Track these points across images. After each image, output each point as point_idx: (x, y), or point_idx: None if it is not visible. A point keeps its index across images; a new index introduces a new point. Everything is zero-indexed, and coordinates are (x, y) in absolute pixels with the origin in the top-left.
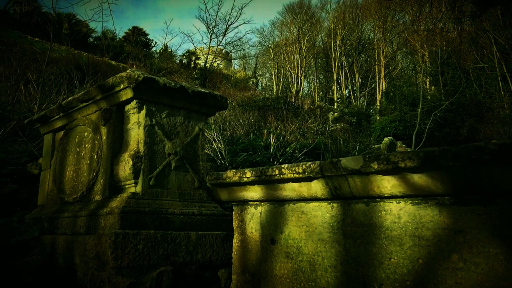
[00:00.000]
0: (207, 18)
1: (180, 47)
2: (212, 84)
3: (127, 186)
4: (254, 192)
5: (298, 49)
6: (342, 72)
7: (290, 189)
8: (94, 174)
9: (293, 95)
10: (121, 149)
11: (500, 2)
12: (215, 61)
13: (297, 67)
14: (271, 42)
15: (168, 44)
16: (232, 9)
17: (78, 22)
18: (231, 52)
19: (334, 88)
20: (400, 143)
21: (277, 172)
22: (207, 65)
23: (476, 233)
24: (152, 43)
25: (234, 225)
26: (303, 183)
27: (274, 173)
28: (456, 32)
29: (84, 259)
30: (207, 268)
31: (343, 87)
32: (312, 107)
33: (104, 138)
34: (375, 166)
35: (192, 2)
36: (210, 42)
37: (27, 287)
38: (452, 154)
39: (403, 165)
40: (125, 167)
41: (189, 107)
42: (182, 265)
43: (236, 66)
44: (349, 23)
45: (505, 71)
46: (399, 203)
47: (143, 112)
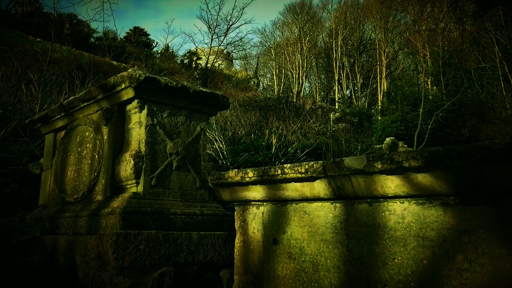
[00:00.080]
0: (208, 18)
1: (182, 47)
2: (214, 84)
3: (128, 186)
4: (256, 192)
5: (299, 49)
6: (343, 72)
7: (293, 189)
8: (96, 174)
9: (295, 95)
10: (122, 149)
11: (502, 2)
12: (216, 61)
13: (299, 67)
14: (272, 42)
15: (170, 44)
16: (233, 9)
17: (79, 23)
18: (232, 52)
19: (336, 88)
20: (402, 143)
21: (279, 172)
22: (208, 65)
23: (482, 233)
24: (153, 44)
25: (236, 225)
26: (305, 183)
27: (276, 173)
28: (457, 32)
29: (85, 259)
30: (209, 268)
31: (344, 87)
32: (314, 107)
33: (106, 137)
34: (378, 165)
35: (193, 2)
36: (211, 42)
37: (28, 287)
38: (457, 153)
39: (407, 164)
40: (126, 167)
41: (190, 106)
42: (183, 266)
43: (237, 66)
44: (351, 23)
45: (507, 71)
46: (403, 203)
47: (145, 111)
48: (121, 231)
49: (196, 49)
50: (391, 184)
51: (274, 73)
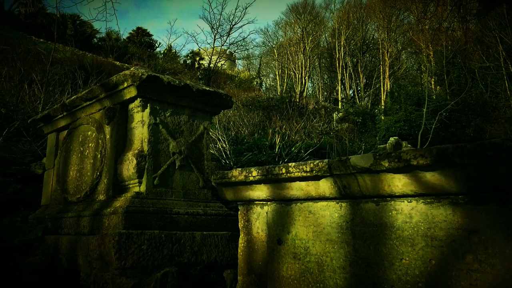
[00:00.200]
0: (211, 18)
1: (184, 47)
2: (216, 84)
3: (131, 186)
4: (260, 192)
5: (302, 49)
6: (346, 72)
7: (297, 188)
8: (98, 173)
9: (297, 95)
10: (125, 148)
11: (506, 0)
12: (219, 61)
13: (301, 67)
14: (275, 42)
15: (172, 44)
16: (236, 9)
17: (82, 23)
18: (235, 52)
19: (339, 88)
20: (406, 143)
21: (284, 171)
22: (211, 65)
23: (492, 233)
24: (156, 44)
25: (240, 225)
26: (310, 182)
27: (281, 172)
28: (461, 31)
29: (88, 260)
30: (212, 268)
31: (347, 87)
32: (317, 107)
33: (108, 137)
34: (385, 164)
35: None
36: (214, 42)
37: (30, 287)
38: (467, 151)
39: (415, 163)
40: (129, 166)
41: (193, 105)
42: (187, 266)
43: (240, 66)
44: (353, 23)
45: (511, 70)
46: (410, 202)
47: (147, 110)
48: (124, 231)
49: (199, 49)
50: (399, 182)
51: (277, 73)
